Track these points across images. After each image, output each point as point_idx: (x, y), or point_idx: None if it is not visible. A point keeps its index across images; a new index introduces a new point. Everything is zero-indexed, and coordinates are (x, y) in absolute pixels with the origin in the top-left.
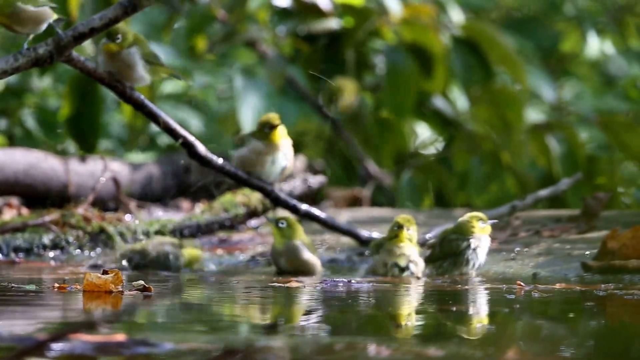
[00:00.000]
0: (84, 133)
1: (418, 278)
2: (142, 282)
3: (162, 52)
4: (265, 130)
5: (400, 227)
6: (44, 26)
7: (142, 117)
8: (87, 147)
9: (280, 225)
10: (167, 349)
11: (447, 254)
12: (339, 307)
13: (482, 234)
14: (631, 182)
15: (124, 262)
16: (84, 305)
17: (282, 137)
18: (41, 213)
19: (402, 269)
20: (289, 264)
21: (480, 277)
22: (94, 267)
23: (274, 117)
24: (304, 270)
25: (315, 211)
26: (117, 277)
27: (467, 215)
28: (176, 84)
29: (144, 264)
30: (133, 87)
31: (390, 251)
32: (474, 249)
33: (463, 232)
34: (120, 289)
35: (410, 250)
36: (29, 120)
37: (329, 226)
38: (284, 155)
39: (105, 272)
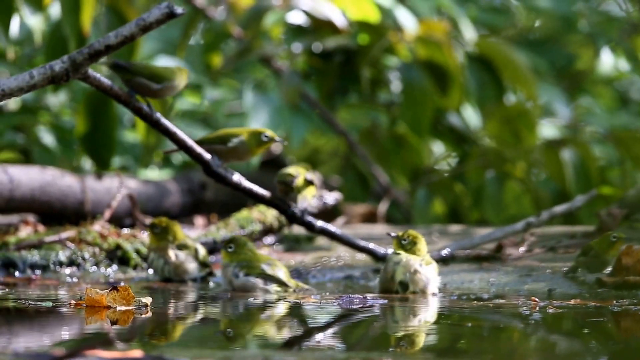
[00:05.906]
0: (99, 149)
1: (434, 294)
2: (148, 298)
3: None
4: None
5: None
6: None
7: (156, 133)
8: (102, 164)
9: (229, 249)
10: None
11: None
12: (355, 323)
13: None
14: None
15: None
16: (86, 321)
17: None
18: (57, 230)
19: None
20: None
21: (496, 294)
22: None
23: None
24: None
25: (332, 228)
26: (127, 293)
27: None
28: (189, 100)
29: None
30: (151, 105)
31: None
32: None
33: None
34: (117, 305)
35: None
36: (46, 137)
37: (345, 243)
38: None
39: (114, 288)
